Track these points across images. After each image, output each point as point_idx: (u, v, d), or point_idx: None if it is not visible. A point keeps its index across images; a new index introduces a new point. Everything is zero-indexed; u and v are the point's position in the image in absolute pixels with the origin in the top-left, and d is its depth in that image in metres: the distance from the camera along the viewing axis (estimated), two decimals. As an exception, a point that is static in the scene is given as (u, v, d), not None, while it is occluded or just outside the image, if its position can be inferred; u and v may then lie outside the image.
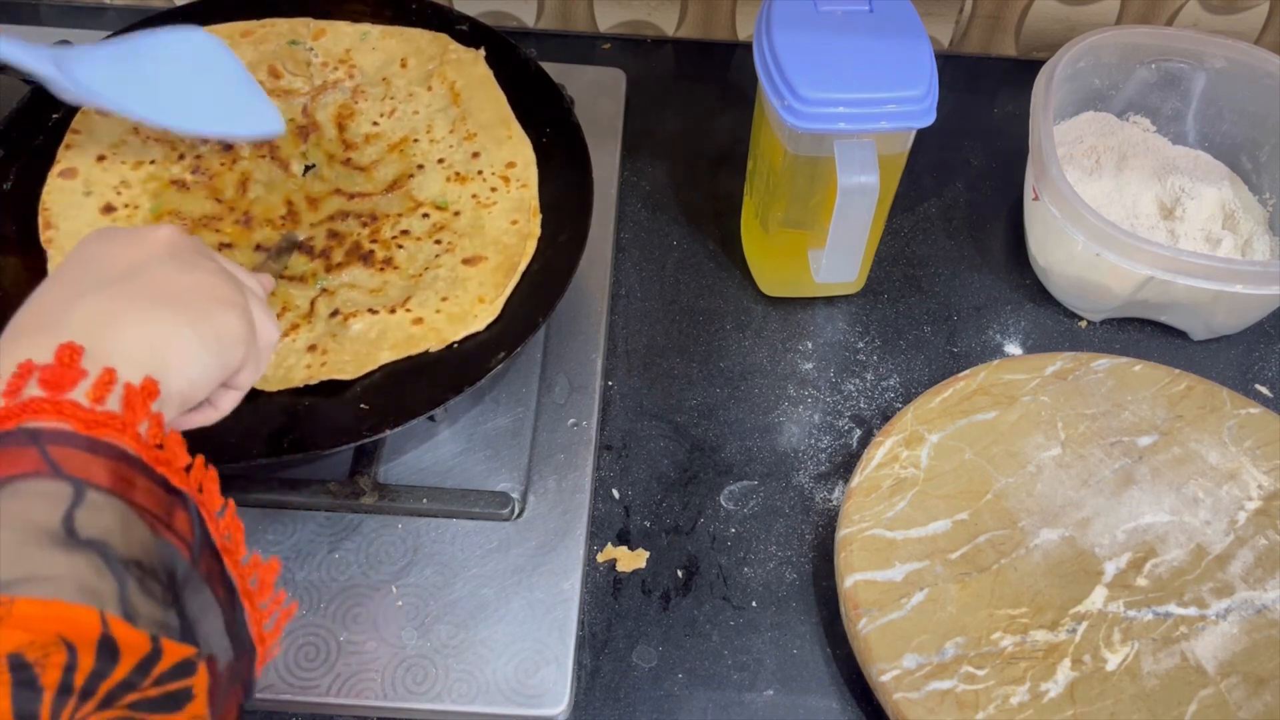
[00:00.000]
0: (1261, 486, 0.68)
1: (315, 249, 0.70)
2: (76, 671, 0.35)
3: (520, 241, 0.70)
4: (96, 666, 0.35)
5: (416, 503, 0.66)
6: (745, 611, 0.66)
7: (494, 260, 0.69)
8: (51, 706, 0.34)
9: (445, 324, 0.66)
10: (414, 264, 0.70)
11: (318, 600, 0.63)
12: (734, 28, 0.96)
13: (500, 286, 0.68)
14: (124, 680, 0.36)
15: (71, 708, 0.34)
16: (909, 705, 0.58)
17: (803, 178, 0.69)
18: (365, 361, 0.65)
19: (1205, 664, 0.61)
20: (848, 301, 0.81)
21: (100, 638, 0.36)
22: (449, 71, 0.78)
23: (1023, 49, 0.97)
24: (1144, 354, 0.76)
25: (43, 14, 0.95)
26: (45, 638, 0.35)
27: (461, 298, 0.67)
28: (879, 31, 0.66)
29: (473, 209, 0.72)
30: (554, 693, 0.60)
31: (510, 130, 0.76)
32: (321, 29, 0.80)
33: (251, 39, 0.79)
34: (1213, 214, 0.80)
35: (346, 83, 0.79)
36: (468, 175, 0.74)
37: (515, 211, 0.72)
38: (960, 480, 0.67)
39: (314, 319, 0.67)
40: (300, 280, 0.69)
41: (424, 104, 0.78)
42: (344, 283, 0.69)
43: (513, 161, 0.74)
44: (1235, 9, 0.92)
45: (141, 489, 0.41)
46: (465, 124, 0.76)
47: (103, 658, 0.36)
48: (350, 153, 0.76)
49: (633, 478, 0.71)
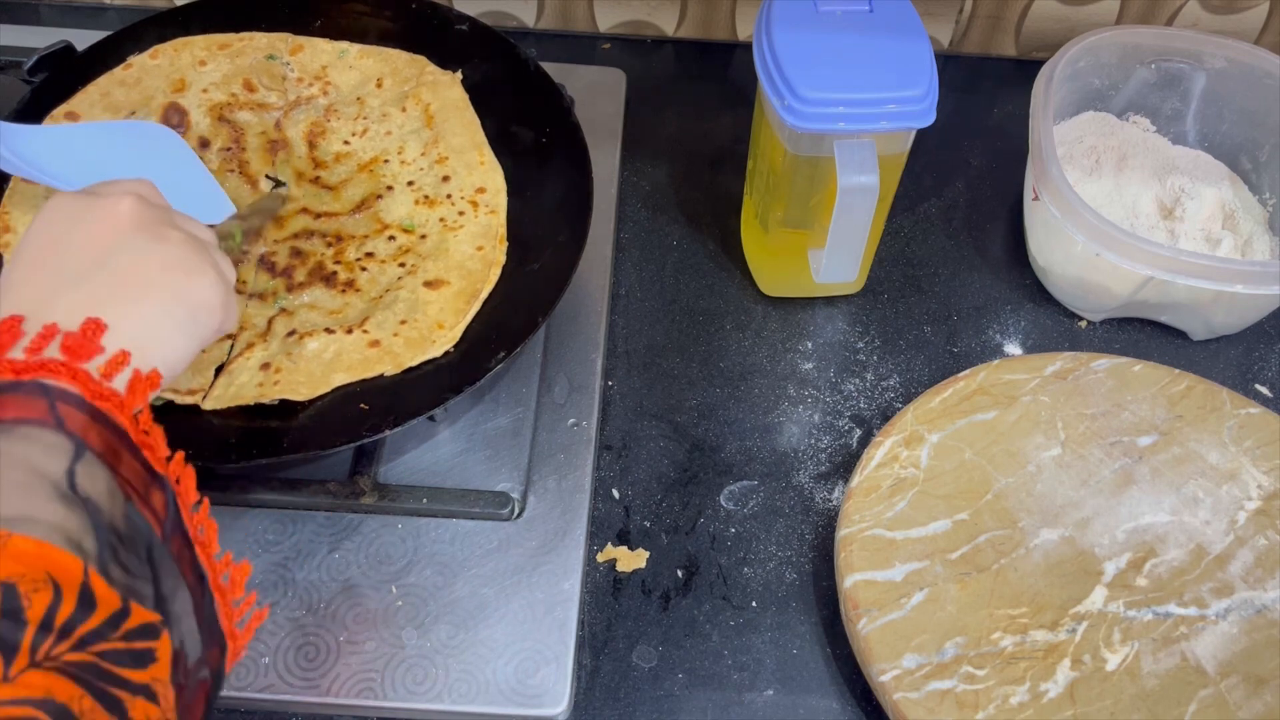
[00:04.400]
0: (1261, 486, 0.68)
1: (277, 266, 0.69)
2: (59, 612, 0.37)
3: (484, 268, 0.70)
4: (75, 611, 0.37)
5: (416, 503, 0.66)
6: (745, 611, 0.66)
7: (456, 285, 0.69)
8: (33, 639, 0.36)
9: (402, 348, 0.65)
10: (376, 286, 0.69)
11: (318, 600, 0.63)
12: (734, 28, 0.96)
13: (461, 312, 0.67)
14: (96, 629, 0.38)
15: (49, 643, 0.36)
16: (909, 705, 0.58)
17: (803, 178, 0.69)
18: (319, 383, 0.63)
19: (1205, 664, 0.61)
20: (848, 301, 0.81)
21: (81, 586, 0.38)
22: (424, 93, 0.78)
23: (1023, 49, 0.97)
24: (1144, 354, 0.76)
25: (43, 14, 0.95)
26: (36, 574, 0.37)
27: (420, 321, 0.66)
28: (879, 31, 0.66)
29: (439, 232, 0.71)
30: (554, 693, 0.60)
31: (483, 156, 0.75)
32: (299, 45, 0.80)
33: (229, 52, 0.79)
34: (1213, 214, 0.80)
35: (321, 100, 0.78)
36: (436, 199, 0.73)
37: (481, 237, 0.71)
38: (960, 480, 0.67)
39: (270, 337, 0.66)
40: (259, 298, 0.68)
41: (397, 125, 0.77)
42: (304, 303, 0.68)
43: (483, 187, 0.74)
44: (1235, 9, 0.92)
45: (127, 464, 0.43)
46: (437, 147, 0.75)
47: (81, 605, 0.38)
48: (319, 171, 0.75)
49: (633, 478, 0.71)
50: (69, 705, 0.36)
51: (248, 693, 0.60)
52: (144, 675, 0.39)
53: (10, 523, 0.38)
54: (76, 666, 0.37)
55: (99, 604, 0.38)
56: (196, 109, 0.76)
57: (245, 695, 0.60)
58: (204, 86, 0.77)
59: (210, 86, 0.77)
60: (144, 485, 0.44)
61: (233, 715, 0.61)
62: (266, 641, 0.61)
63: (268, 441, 0.62)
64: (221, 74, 0.78)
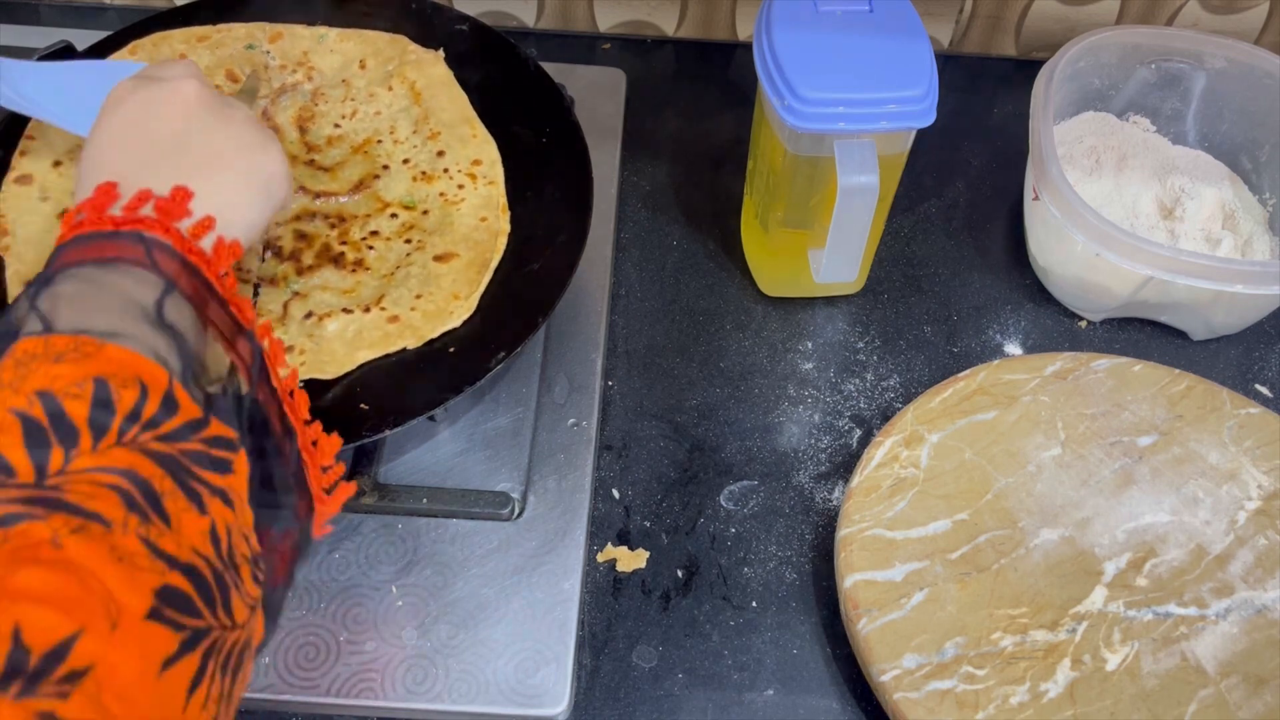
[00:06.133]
0: (1261, 486, 0.68)
1: (284, 251, 0.70)
2: (145, 408, 0.41)
3: (491, 238, 0.70)
4: (160, 410, 0.42)
5: (416, 503, 0.66)
6: (745, 611, 0.66)
7: (466, 257, 0.69)
8: (120, 425, 0.40)
9: (421, 321, 0.66)
10: (385, 263, 0.69)
11: (318, 600, 0.63)
12: (734, 28, 0.96)
13: (474, 283, 0.68)
14: (177, 429, 0.42)
15: (135, 431, 0.40)
16: (909, 705, 0.58)
17: (803, 178, 0.69)
18: (345, 361, 0.64)
19: (1205, 664, 0.61)
20: (848, 301, 0.81)
21: (165, 392, 0.42)
22: (409, 72, 0.78)
23: (1023, 49, 0.97)
24: (1144, 354, 0.76)
25: (43, 14, 0.95)
26: (126, 375, 0.41)
27: (436, 294, 0.67)
28: (879, 31, 0.66)
29: (441, 207, 0.72)
30: (554, 693, 0.60)
31: (474, 129, 0.75)
32: (278, 32, 0.80)
33: (208, 44, 0.79)
34: (1213, 214, 0.80)
35: (306, 85, 0.78)
36: (434, 174, 0.73)
37: (484, 209, 0.72)
38: (960, 480, 0.67)
39: (287, 321, 0.66)
40: (271, 283, 0.68)
41: (385, 104, 0.77)
42: (316, 285, 0.68)
43: (478, 159, 0.74)
44: (1235, 9, 0.92)
45: (214, 311, 0.47)
46: (428, 123, 0.76)
47: (165, 407, 0.42)
48: (313, 154, 0.75)
49: (633, 478, 0.71)
50: (151, 482, 0.39)
51: (247, 693, 0.60)
52: (221, 480, 0.43)
53: (105, 335, 0.42)
54: (159, 454, 0.40)
55: (181, 409, 0.42)
56: None
57: (245, 695, 0.59)
58: None
59: None
60: (230, 331, 0.47)
61: (233, 715, 0.61)
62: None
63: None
64: (203, 65, 0.77)
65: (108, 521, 0.37)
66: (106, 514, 0.37)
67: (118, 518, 0.37)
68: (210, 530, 0.41)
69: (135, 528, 0.38)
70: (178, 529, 0.39)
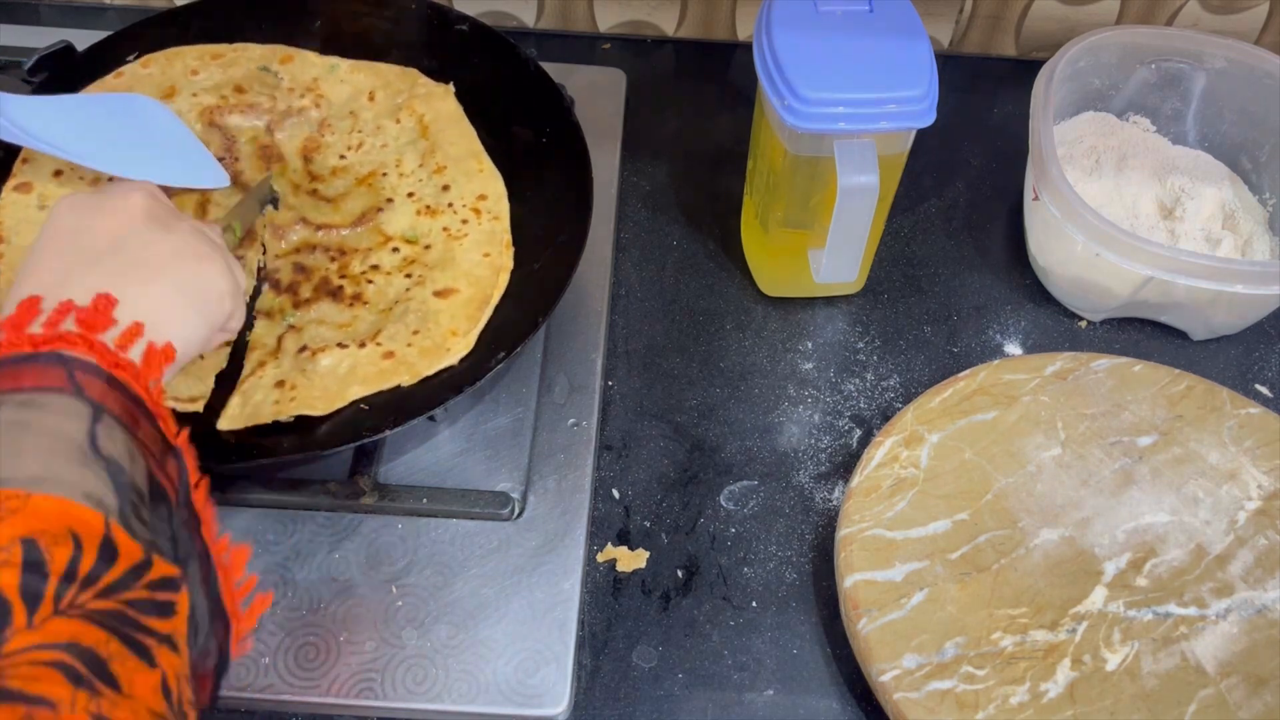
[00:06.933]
0: (1261, 486, 0.68)
1: (282, 283, 0.69)
2: (80, 563, 0.38)
3: (493, 274, 0.70)
4: (97, 562, 0.39)
5: (416, 503, 0.66)
6: (745, 611, 0.66)
7: (466, 293, 0.68)
8: (56, 589, 0.37)
9: (417, 357, 0.65)
10: (384, 298, 0.69)
11: (318, 600, 0.63)
12: (734, 28, 0.96)
13: (474, 319, 0.67)
14: (120, 579, 0.39)
15: (73, 592, 0.38)
16: (909, 705, 0.58)
17: (803, 178, 0.69)
18: (335, 398, 0.63)
19: (1205, 664, 0.61)
20: (848, 301, 0.81)
21: (103, 539, 0.40)
22: (418, 105, 0.78)
23: (1023, 49, 0.97)
24: (1144, 354, 0.76)
25: (43, 14, 0.95)
26: (57, 529, 0.39)
27: (434, 331, 0.66)
28: (879, 31, 0.66)
29: (443, 241, 0.71)
30: (554, 693, 0.60)
31: (481, 164, 0.75)
32: (290, 55, 0.80)
33: (221, 62, 0.79)
34: (1213, 214, 0.80)
35: (313, 112, 0.78)
36: (438, 208, 0.73)
37: (487, 244, 0.71)
38: (960, 480, 0.67)
39: (281, 355, 0.66)
40: (267, 316, 0.68)
41: (392, 137, 0.77)
42: (312, 319, 0.67)
43: (484, 194, 0.73)
44: (1235, 9, 0.92)
45: (144, 429, 0.45)
46: (435, 157, 0.75)
47: (103, 557, 0.39)
48: (317, 184, 0.75)
49: (633, 478, 0.71)
50: (95, 649, 0.37)
51: (248, 693, 0.60)
52: (167, 626, 0.41)
53: (30, 483, 0.40)
54: (101, 614, 0.38)
55: (121, 555, 0.40)
56: (187, 113, 0.76)
57: (245, 695, 0.60)
58: (194, 91, 0.77)
59: (200, 91, 0.77)
60: (160, 452, 0.45)
61: (233, 715, 0.61)
62: (266, 641, 0.61)
63: (268, 441, 0.62)
64: (213, 82, 0.78)
65: (54, 703, 0.35)
66: (52, 695, 0.35)
67: (65, 697, 0.35)
68: (161, 684, 0.39)
69: (84, 705, 0.36)
70: (130, 692, 0.37)
